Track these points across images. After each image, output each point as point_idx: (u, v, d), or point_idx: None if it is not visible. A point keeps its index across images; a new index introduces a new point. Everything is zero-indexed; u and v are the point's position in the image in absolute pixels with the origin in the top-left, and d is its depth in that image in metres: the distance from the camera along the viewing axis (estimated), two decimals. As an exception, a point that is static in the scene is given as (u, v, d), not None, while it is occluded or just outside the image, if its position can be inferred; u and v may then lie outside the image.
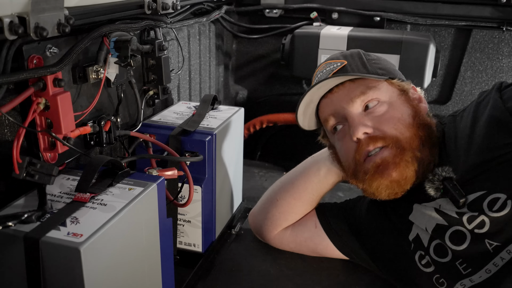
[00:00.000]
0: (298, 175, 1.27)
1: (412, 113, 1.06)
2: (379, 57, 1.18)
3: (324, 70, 1.14)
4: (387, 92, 1.08)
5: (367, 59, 1.14)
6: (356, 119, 1.05)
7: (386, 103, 1.06)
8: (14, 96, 0.84)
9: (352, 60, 1.13)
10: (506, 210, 0.91)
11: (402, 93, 1.10)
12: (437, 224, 1.02)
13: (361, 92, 1.06)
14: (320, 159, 1.24)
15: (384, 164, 1.01)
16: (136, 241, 0.88)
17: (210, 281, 1.19)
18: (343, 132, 1.10)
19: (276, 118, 2.12)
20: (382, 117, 1.05)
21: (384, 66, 1.14)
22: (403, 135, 1.02)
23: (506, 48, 1.91)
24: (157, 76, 1.31)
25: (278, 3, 2.09)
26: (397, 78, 1.12)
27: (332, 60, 1.15)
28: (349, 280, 1.21)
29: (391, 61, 1.72)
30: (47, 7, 0.79)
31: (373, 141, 1.02)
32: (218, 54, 2.05)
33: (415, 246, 1.06)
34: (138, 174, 0.97)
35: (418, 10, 1.93)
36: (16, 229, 0.75)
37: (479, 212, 0.95)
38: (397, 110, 1.06)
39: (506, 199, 0.92)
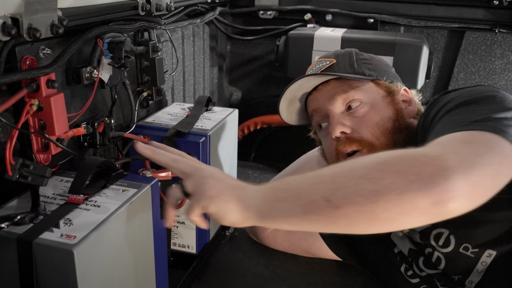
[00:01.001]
0: (292, 172, 1.28)
1: (394, 117, 1.06)
2: (373, 57, 1.18)
3: (314, 68, 1.16)
4: (371, 93, 1.08)
5: (358, 58, 1.14)
6: (335, 117, 1.06)
7: (368, 104, 1.07)
8: (7, 97, 0.84)
9: (342, 59, 1.14)
10: (451, 246, 0.94)
11: (388, 94, 1.09)
12: (410, 249, 1.06)
13: (343, 90, 1.07)
14: (313, 156, 1.25)
15: None
16: (130, 243, 0.88)
17: (204, 282, 1.19)
18: (326, 130, 1.11)
19: (270, 119, 2.12)
20: (361, 119, 1.05)
21: (375, 66, 1.14)
22: (379, 141, 1.03)
23: (499, 50, 1.92)
24: (151, 77, 1.31)
25: (272, 4, 2.09)
26: (386, 79, 1.11)
27: (323, 58, 1.17)
28: (343, 281, 1.21)
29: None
30: (40, 8, 0.79)
31: (350, 142, 1.04)
32: (212, 55, 2.05)
33: (400, 258, 1.09)
34: (132, 176, 0.96)
35: (412, 12, 1.94)
36: (9, 231, 0.75)
37: (432, 248, 0.98)
38: (378, 113, 1.06)
39: (449, 234, 0.94)
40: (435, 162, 0.64)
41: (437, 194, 0.62)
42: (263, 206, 0.72)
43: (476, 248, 0.91)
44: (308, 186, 0.70)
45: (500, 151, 0.69)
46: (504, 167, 0.69)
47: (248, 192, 0.75)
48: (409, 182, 0.63)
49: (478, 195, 0.65)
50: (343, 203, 0.65)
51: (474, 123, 0.75)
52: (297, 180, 0.73)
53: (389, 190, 0.63)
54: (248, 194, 0.74)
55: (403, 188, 0.63)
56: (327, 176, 0.69)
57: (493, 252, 0.90)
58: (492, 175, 0.66)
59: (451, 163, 0.63)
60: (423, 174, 0.63)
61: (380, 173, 0.65)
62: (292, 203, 0.69)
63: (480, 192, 0.65)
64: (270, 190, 0.73)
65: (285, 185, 0.73)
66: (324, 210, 0.67)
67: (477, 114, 0.78)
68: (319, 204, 0.67)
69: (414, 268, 1.05)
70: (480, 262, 0.91)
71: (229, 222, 0.74)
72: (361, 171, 0.67)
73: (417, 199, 0.62)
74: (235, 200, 0.73)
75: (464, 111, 0.82)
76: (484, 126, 0.73)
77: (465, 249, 0.93)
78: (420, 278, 1.04)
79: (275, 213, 0.71)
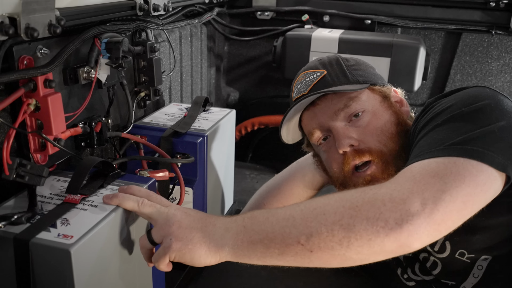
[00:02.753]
0: (284, 180, 1.27)
1: (395, 120, 1.05)
2: (358, 61, 1.14)
3: (304, 81, 1.10)
4: (369, 100, 1.06)
5: (347, 65, 1.10)
6: (341, 132, 1.03)
7: (369, 112, 1.04)
8: (4, 96, 0.83)
9: (332, 69, 1.09)
10: (447, 252, 0.94)
11: (384, 99, 1.08)
12: (404, 255, 1.06)
13: (344, 105, 1.04)
14: (305, 165, 1.24)
15: (374, 180, 1.01)
16: (126, 243, 0.88)
17: (201, 283, 1.19)
18: (329, 144, 1.08)
19: (267, 120, 2.13)
20: (366, 128, 1.03)
21: (364, 72, 1.11)
22: (387, 147, 1.01)
23: (495, 52, 1.93)
24: (148, 77, 1.31)
25: (270, 5, 2.09)
26: (378, 84, 1.09)
27: (311, 70, 1.11)
28: (340, 282, 1.22)
29: (381, 64, 1.75)
30: (38, 8, 0.79)
31: (359, 154, 1.01)
32: (209, 56, 2.05)
33: (396, 262, 1.09)
34: (129, 176, 0.96)
35: (409, 13, 1.95)
36: (6, 231, 0.75)
37: (427, 253, 0.98)
38: (380, 119, 1.04)
39: (444, 240, 0.94)
40: (401, 207, 0.70)
41: (403, 239, 0.70)
42: (237, 247, 0.76)
43: (472, 253, 0.91)
44: (281, 229, 0.74)
45: (471, 181, 0.74)
46: (475, 197, 0.74)
47: (217, 232, 0.78)
48: (378, 228, 0.70)
49: (442, 230, 0.72)
50: (317, 248, 0.72)
51: (452, 147, 0.78)
52: (269, 221, 0.76)
53: (360, 237, 0.70)
54: (218, 235, 0.77)
55: (373, 234, 0.70)
56: (299, 219, 0.74)
57: (489, 257, 0.90)
58: (458, 209, 0.72)
59: (416, 207, 0.70)
60: (390, 220, 0.70)
61: (351, 220, 0.71)
62: (266, 246, 0.74)
63: (445, 226, 0.72)
64: (242, 231, 0.77)
65: (257, 225, 0.76)
66: (299, 253, 0.73)
67: (460, 133, 0.80)
68: (293, 248, 0.73)
69: (409, 273, 1.05)
70: (476, 266, 0.91)
71: (203, 264, 0.78)
72: (333, 216, 0.72)
73: (385, 243, 0.70)
74: (204, 246, 0.77)
75: (447, 129, 0.84)
76: (462, 150, 0.77)
77: (461, 255, 0.93)
78: (416, 282, 1.04)
79: (250, 254, 0.76)
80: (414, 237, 0.69)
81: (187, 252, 0.76)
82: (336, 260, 0.73)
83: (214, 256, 0.77)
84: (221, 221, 0.79)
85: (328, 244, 0.71)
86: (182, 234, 0.77)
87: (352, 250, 0.71)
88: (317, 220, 0.73)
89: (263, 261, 0.76)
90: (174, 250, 0.76)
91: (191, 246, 0.76)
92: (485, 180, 0.75)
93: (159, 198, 0.86)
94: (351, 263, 0.74)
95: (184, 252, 0.76)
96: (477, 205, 0.75)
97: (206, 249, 0.76)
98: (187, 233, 0.77)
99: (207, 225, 0.79)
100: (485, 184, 0.75)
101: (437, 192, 0.71)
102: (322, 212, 0.74)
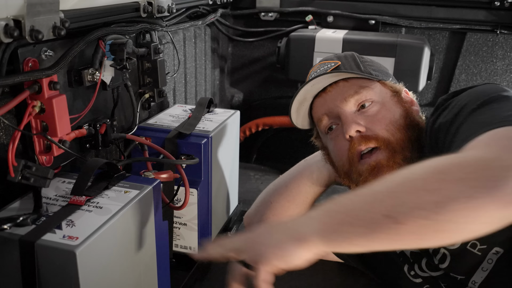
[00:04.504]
0: (292, 178, 1.27)
1: (404, 114, 1.06)
2: (373, 60, 1.19)
3: (318, 70, 1.14)
4: (380, 92, 1.08)
5: (361, 60, 1.14)
6: (349, 117, 1.05)
7: (379, 103, 1.06)
8: (9, 99, 0.84)
9: (346, 61, 1.13)
10: (459, 243, 0.93)
11: (395, 94, 1.10)
12: (412, 251, 1.06)
13: (355, 91, 1.06)
14: (313, 162, 1.24)
15: (379, 166, 1.01)
16: (132, 244, 0.88)
17: (206, 284, 1.19)
18: (336, 132, 1.09)
19: (271, 121, 2.12)
20: (374, 117, 1.04)
21: (377, 68, 1.15)
22: (394, 137, 1.02)
23: (500, 51, 1.92)
24: (152, 79, 1.31)
25: (274, 6, 2.09)
26: (390, 80, 1.12)
27: (326, 61, 1.15)
28: (345, 282, 1.21)
29: (386, 64, 1.73)
30: (42, 10, 0.79)
31: (365, 140, 1.02)
32: (213, 57, 2.05)
33: (403, 259, 1.09)
34: (134, 177, 0.97)
35: (413, 13, 1.94)
36: (12, 232, 0.75)
37: None
38: (389, 111, 1.06)
39: None
40: (494, 164, 0.61)
41: (505, 197, 0.58)
42: (324, 231, 0.68)
43: (484, 245, 0.90)
44: (366, 205, 0.67)
45: None
46: None
47: (300, 225, 0.71)
48: (472, 188, 0.60)
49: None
50: (406, 219, 0.62)
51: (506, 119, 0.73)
52: (351, 200, 0.70)
53: (453, 200, 0.60)
54: (301, 226, 0.71)
55: (468, 196, 0.60)
56: (383, 192, 0.67)
57: (501, 250, 0.89)
58: None
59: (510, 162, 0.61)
60: (485, 179, 0.60)
61: (440, 183, 0.62)
62: (353, 224, 0.66)
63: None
64: (326, 214, 0.70)
65: (339, 206, 0.70)
66: (388, 228, 0.64)
67: (504, 111, 0.77)
68: (381, 222, 0.64)
69: (416, 269, 1.05)
70: (486, 260, 0.91)
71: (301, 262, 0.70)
72: (419, 182, 0.64)
73: (484, 205, 0.59)
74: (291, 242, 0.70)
75: (488, 110, 0.81)
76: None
77: (473, 246, 0.92)
78: (423, 279, 1.04)
79: (338, 236, 0.68)
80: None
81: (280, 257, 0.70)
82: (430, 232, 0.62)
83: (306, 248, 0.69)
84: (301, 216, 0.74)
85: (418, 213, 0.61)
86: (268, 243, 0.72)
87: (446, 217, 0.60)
88: (402, 189, 0.65)
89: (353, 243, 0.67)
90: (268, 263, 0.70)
91: (280, 251, 0.70)
92: None
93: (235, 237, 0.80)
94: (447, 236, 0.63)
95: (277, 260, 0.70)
96: None
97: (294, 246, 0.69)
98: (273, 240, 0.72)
99: (287, 223, 0.74)
100: None
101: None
102: (406, 179, 0.66)
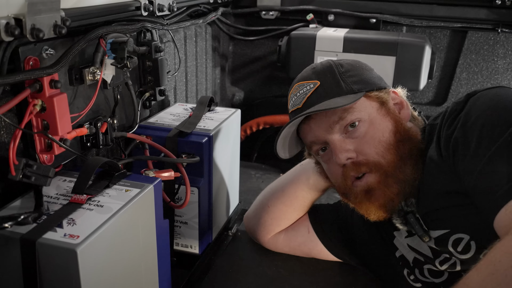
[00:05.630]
0: (288, 182, 1.26)
1: (393, 129, 1.02)
2: (353, 65, 1.10)
3: (298, 93, 1.09)
4: (366, 109, 1.03)
5: (340, 73, 1.07)
6: (337, 145, 1.01)
7: (366, 121, 1.02)
8: (10, 97, 0.84)
9: (325, 79, 1.06)
10: (472, 252, 0.93)
11: (382, 105, 1.05)
12: (415, 258, 1.05)
13: (339, 117, 1.02)
14: (309, 168, 1.23)
15: (370, 190, 1.01)
16: (132, 243, 0.88)
17: (207, 282, 1.19)
18: (328, 155, 1.07)
19: (272, 119, 2.12)
20: (363, 139, 1.01)
21: (359, 78, 1.07)
22: (385, 159, 1.00)
23: (501, 50, 1.92)
24: (153, 77, 1.31)
25: (275, 5, 2.09)
26: (375, 89, 1.06)
27: (305, 81, 1.09)
28: (346, 281, 1.21)
29: (386, 63, 1.74)
30: (43, 9, 0.79)
31: (357, 166, 1.01)
32: (214, 56, 2.05)
33: (402, 263, 1.08)
34: (135, 176, 0.97)
35: (414, 12, 1.94)
36: (13, 231, 0.75)
37: (449, 254, 0.97)
38: (378, 129, 1.02)
39: (469, 240, 0.92)
40: None
41: None
42: None
43: None
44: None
45: None
46: None
47: None
48: None
49: None
50: None
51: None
52: None
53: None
54: None
55: None
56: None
57: None
58: None
59: None
60: None
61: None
62: None
63: None
64: None
65: None
66: None
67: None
68: None
69: (417, 274, 1.04)
70: None
71: None
72: None
73: None
74: None
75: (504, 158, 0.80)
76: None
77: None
78: (423, 283, 1.04)
79: None
80: None
81: None
82: None
83: None
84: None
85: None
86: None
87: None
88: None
89: None
90: None
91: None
92: None
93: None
94: None
95: None
96: None
97: None
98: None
99: None
100: None
101: None
102: None
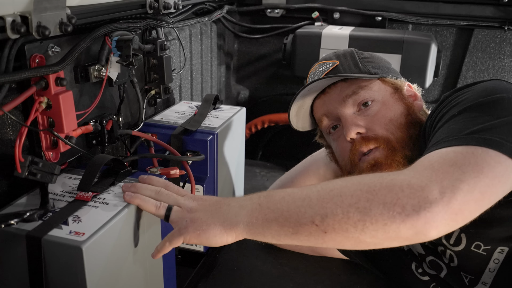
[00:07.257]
0: (298, 173, 1.28)
1: (405, 112, 1.06)
2: (373, 55, 1.17)
3: (317, 71, 1.13)
4: (380, 91, 1.08)
5: (360, 58, 1.13)
6: (348, 119, 1.05)
7: (379, 102, 1.06)
8: (16, 95, 0.84)
9: (345, 59, 1.12)
10: (462, 245, 0.93)
11: (396, 91, 1.09)
12: (418, 251, 1.06)
13: (352, 91, 1.06)
14: (319, 158, 1.24)
15: (377, 164, 1.02)
16: (138, 240, 0.88)
17: (212, 280, 1.19)
18: (338, 133, 1.10)
19: (277, 118, 2.12)
20: (374, 117, 1.04)
21: (377, 64, 1.13)
22: (394, 136, 1.02)
23: (508, 48, 1.91)
24: (159, 75, 1.31)
25: (280, 3, 2.09)
26: (391, 76, 1.11)
27: (325, 61, 1.15)
28: (351, 280, 1.21)
29: (392, 61, 1.73)
30: (49, 6, 0.79)
31: (366, 141, 1.03)
32: (219, 53, 2.05)
33: (410, 256, 1.08)
34: (140, 173, 0.97)
35: (420, 9, 1.93)
36: (18, 228, 0.75)
37: (443, 246, 0.97)
38: (390, 109, 1.05)
39: (459, 232, 0.93)
40: (419, 194, 0.69)
41: (419, 226, 0.68)
42: (251, 224, 0.76)
43: (489, 245, 0.90)
44: (296, 209, 0.74)
45: (489, 172, 0.72)
46: (492, 188, 0.72)
47: (231, 211, 0.78)
48: (394, 214, 0.69)
49: (460, 220, 0.71)
50: (331, 230, 0.72)
51: (470, 136, 0.77)
52: (285, 200, 0.76)
53: (376, 221, 0.70)
54: (232, 213, 0.78)
55: (389, 219, 0.69)
56: (315, 200, 0.74)
57: (505, 248, 0.89)
58: (476, 199, 0.71)
59: (434, 195, 0.69)
60: (407, 207, 0.69)
61: (368, 203, 0.70)
62: (281, 224, 0.74)
63: (462, 216, 0.71)
64: (257, 208, 0.77)
65: (272, 203, 0.77)
66: (313, 234, 0.73)
67: (477, 122, 0.79)
68: (308, 228, 0.73)
69: (425, 267, 1.04)
70: (493, 259, 0.90)
71: (220, 243, 0.79)
72: (350, 199, 0.72)
73: (401, 229, 0.69)
74: (219, 224, 0.77)
75: (464, 118, 0.83)
76: (480, 140, 0.75)
77: (477, 247, 0.92)
78: (430, 276, 1.03)
79: (264, 231, 0.76)
80: (431, 224, 0.68)
81: (202, 233, 0.77)
82: (349, 242, 0.73)
83: (229, 234, 0.78)
84: (236, 200, 0.81)
85: (343, 226, 0.71)
86: (197, 217, 0.79)
87: (366, 233, 0.70)
88: (333, 201, 0.72)
89: (277, 239, 0.76)
90: (189, 231, 0.78)
91: (205, 226, 0.77)
92: (503, 171, 0.73)
93: (177, 188, 0.88)
94: (364, 246, 0.74)
95: (199, 232, 0.77)
96: (495, 196, 0.74)
97: (221, 227, 0.77)
98: (202, 215, 0.79)
99: (222, 205, 0.80)
100: (503, 176, 0.73)
101: (455, 181, 0.70)
102: (339, 193, 0.73)
